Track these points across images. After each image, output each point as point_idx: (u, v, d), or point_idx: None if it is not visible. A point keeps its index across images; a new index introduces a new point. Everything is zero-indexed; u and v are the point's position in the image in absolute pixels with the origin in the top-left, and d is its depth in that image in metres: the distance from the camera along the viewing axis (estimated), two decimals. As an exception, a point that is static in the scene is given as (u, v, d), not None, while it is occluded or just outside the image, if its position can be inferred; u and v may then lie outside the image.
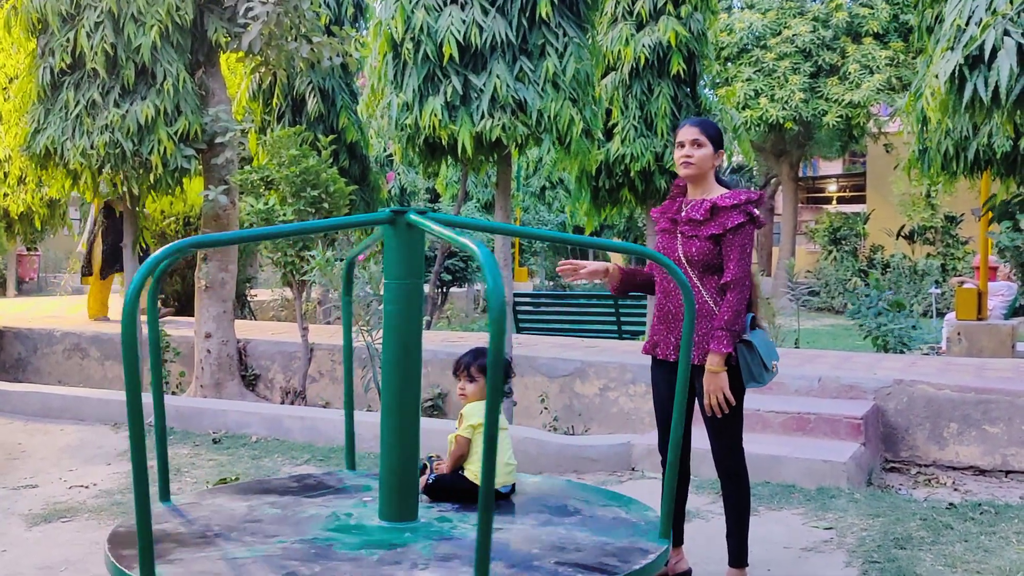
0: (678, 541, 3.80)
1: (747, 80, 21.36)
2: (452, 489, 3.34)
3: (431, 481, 3.37)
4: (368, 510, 3.22)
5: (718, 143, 3.62)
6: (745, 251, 3.48)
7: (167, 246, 2.46)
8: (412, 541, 2.89)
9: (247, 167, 7.97)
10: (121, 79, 7.27)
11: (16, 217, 15.58)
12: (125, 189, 7.81)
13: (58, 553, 4.25)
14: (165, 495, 3.28)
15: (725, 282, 3.47)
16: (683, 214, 3.61)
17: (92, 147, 7.30)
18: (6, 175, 15.15)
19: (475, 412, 3.38)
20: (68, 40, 7.30)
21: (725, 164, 10.14)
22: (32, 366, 9.97)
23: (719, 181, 3.67)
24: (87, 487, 5.38)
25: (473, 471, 3.32)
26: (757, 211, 3.53)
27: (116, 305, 11.04)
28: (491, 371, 2.15)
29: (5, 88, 14.81)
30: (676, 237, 3.61)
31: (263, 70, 8.17)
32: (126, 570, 2.60)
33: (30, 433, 6.85)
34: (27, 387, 7.96)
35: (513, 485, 3.43)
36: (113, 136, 7.25)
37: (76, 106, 7.35)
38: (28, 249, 22.26)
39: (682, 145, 3.60)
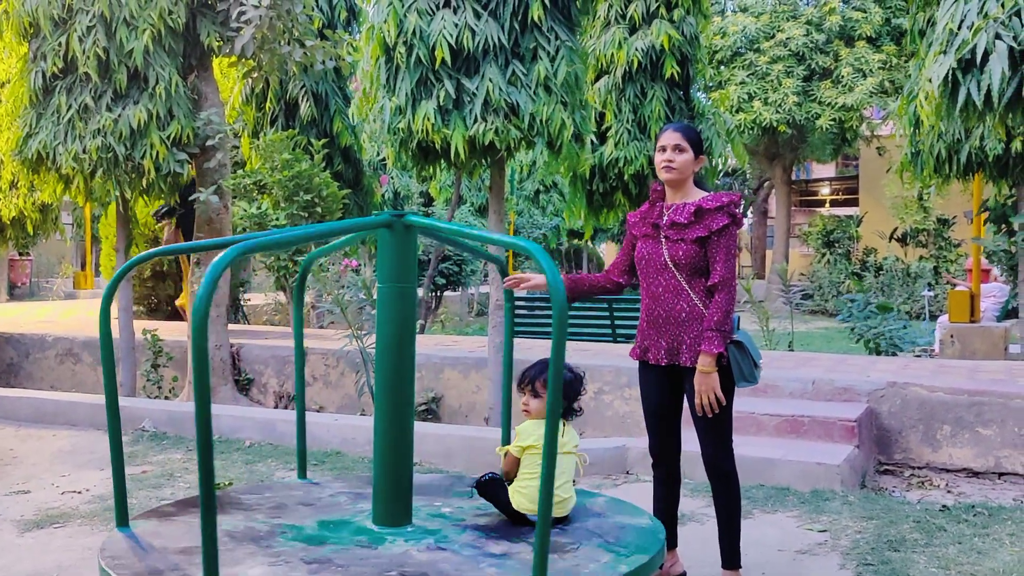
0: (672, 544, 3.80)
1: (740, 83, 21.41)
2: (494, 499, 3.27)
3: (485, 478, 3.30)
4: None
5: (699, 149, 3.64)
6: (731, 252, 3.52)
7: (135, 256, 2.58)
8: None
9: (240, 171, 7.96)
10: (113, 83, 7.25)
11: (8, 222, 15.55)
12: (118, 193, 7.80)
13: (51, 559, 4.23)
14: (302, 472, 3.73)
15: (713, 283, 3.50)
16: (665, 219, 3.62)
17: (84, 151, 7.28)
18: (-2, 180, 15.12)
19: (531, 431, 3.24)
20: (60, 44, 7.28)
21: (719, 168, 10.14)
22: (24, 371, 9.94)
23: (698, 185, 3.69)
24: (80, 492, 5.35)
25: (512, 489, 3.23)
26: (739, 212, 3.58)
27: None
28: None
29: (-3, 92, 14.69)
30: (660, 242, 3.62)
31: (256, 74, 8.15)
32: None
33: (22, 439, 6.83)
34: (19, 392, 7.93)
35: (566, 517, 3.25)
36: (105, 140, 7.23)
37: (68, 110, 7.33)
38: (20, 254, 22.20)
39: (664, 149, 3.62)
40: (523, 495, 3.16)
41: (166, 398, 8.39)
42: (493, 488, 3.27)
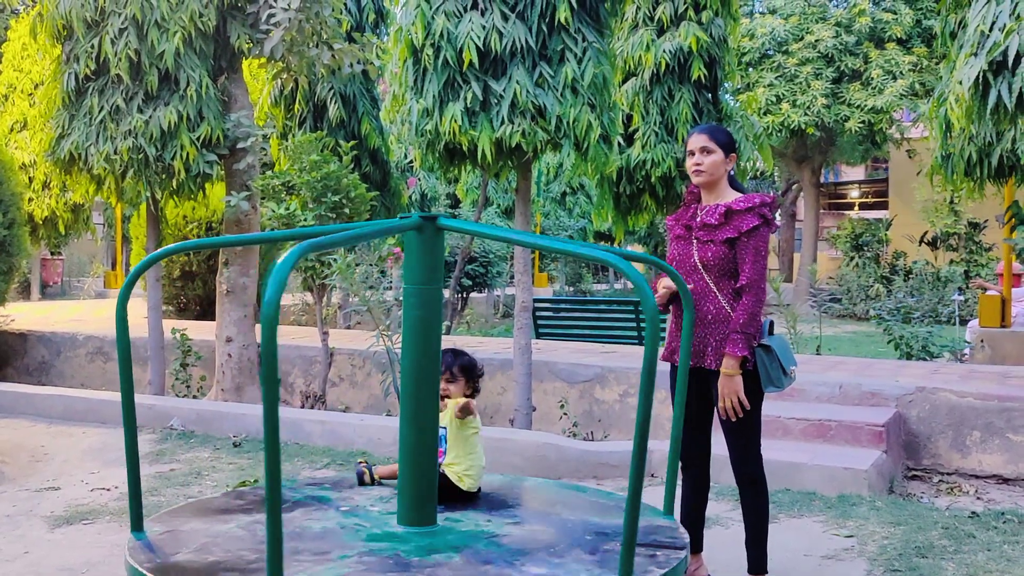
0: (697, 548, 3.79)
1: (769, 86, 21.29)
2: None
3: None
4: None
5: (729, 148, 3.62)
6: (759, 254, 3.49)
7: (165, 247, 2.57)
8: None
9: (268, 172, 8.01)
10: (145, 85, 7.33)
11: (40, 221, 15.77)
12: (149, 194, 7.88)
13: (79, 555, 4.29)
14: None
15: (740, 285, 3.48)
16: (698, 220, 3.61)
17: (116, 152, 7.36)
18: (31, 180, 15.35)
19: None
20: (92, 46, 7.37)
21: (747, 171, 10.11)
22: (55, 369, 10.06)
23: (733, 186, 3.67)
24: (109, 489, 5.42)
25: (457, 473, 3.45)
26: (770, 214, 3.54)
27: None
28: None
29: (31, 94, 14.91)
30: (691, 243, 3.61)
31: (285, 76, 8.21)
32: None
33: (53, 435, 6.91)
34: (50, 390, 8.03)
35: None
36: (136, 141, 7.31)
37: (100, 112, 7.42)
38: (52, 253, 22.49)
39: (692, 153, 3.62)
40: (470, 476, 3.49)
41: (194, 397, 8.46)
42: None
